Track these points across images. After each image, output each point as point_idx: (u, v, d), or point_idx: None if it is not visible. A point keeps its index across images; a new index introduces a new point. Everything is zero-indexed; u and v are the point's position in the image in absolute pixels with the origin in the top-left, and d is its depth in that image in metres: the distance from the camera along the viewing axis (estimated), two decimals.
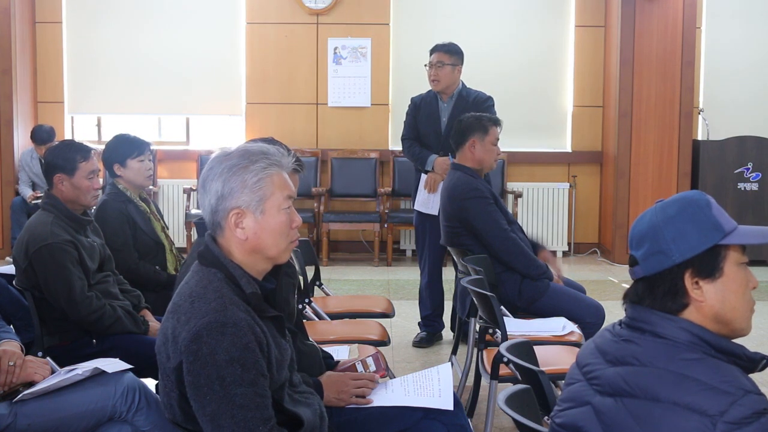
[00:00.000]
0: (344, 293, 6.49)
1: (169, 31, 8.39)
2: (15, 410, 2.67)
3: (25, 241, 3.40)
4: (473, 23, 8.33)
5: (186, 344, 1.89)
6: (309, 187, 8.02)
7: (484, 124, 4.37)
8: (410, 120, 5.34)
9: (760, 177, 8.00)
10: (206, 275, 2.01)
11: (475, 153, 4.34)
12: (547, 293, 4.09)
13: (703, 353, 1.68)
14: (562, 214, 8.47)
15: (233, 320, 1.90)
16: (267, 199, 2.02)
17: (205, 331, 1.88)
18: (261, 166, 2.02)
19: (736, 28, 8.44)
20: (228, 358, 1.87)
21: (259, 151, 2.06)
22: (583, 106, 8.50)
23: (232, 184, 2.01)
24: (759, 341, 5.16)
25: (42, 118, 8.35)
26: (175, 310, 1.98)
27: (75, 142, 3.68)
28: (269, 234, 2.03)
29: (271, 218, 2.02)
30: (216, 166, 2.03)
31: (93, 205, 3.67)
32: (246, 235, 2.01)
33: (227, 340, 1.88)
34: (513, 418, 1.98)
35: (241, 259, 2.03)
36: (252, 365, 1.89)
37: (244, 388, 1.87)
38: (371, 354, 2.79)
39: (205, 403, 1.88)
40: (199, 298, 1.95)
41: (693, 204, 1.75)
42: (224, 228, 2.03)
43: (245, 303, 1.97)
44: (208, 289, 1.97)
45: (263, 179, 2.02)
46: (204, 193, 2.04)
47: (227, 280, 2.00)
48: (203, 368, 1.87)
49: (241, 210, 2.01)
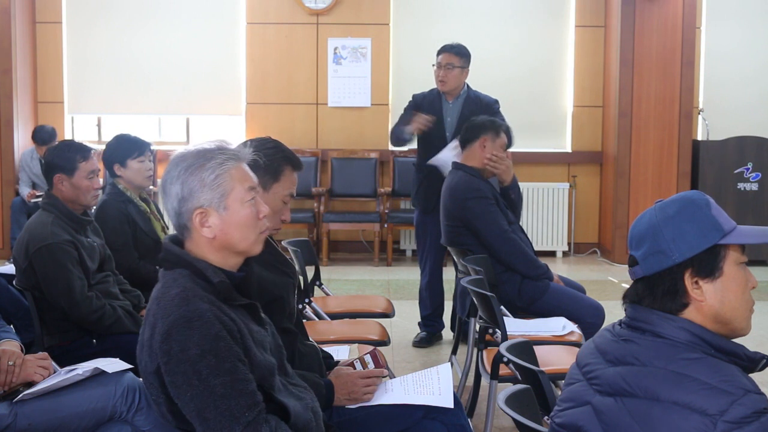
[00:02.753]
0: (344, 293, 6.49)
1: (170, 31, 8.39)
2: (15, 410, 2.67)
3: (25, 241, 3.40)
4: (473, 23, 8.33)
5: (158, 346, 1.90)
6: (309, 187, 8.02)
7: (498, 127, 4.40)
8: (406, 115, 5.31)
9: (759, 177, 8.00)
10: (171, 276, 2.01)
11: (483, 152, 4.34)
12: (547, 293, 4.10)
13: (703, 353, 1.68)
14: (562, 214, 8.47)
15: (198, 313, 1.90)
16: (228, 194, 2.01)
17: (173, 329, 1.89)
18: (217, 162, 2.01)
19: (736, 28, 8.44)
20: (200, 351, 1.87)
21: (215, 148, 2.05)
22: (583, 106, 8.50)
23: (191, 184, 1.99)
24: (759, 341, 5.16)
25: (42, 118, 8.35)
26: (147, 316, 2.00)
27: (75, 142, 3.68)
28: (236, 229, 2.02)
29: (235, 213, 2.01)
30: (173, 169, 2.02)
31: (93, 205, 3.67)
32: (213, 233, 2.01)
33: (196, 334, 1.88)
34: (513, 418, 1.98)
35: (211, 257, 2.03)
36: (226, 354, 1.89)
37: (222, 377, 1.88)
38: (368, 351, 2.78)
39: (188, 400, 1.88)
40: (163, 298, 1.96)
41: (692, 204, 1.76)
42: (191, 229, 2.02)
43: (214, 294, 1.97)
44: (172, 288, 1.97)
45: (221, 175, 2.01)
46: (165, 197, 2.03)
47: (192, 275, 1.99)
48: (178, 366, 1.88)
49: (204, 209, 2.00)
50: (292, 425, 2.04)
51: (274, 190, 2.59)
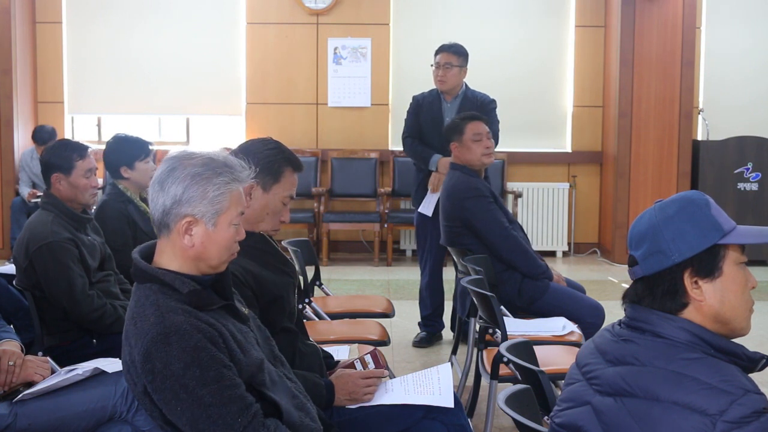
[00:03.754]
0: (344, 293, 6.48)
1: (170, 32, 8.39)
2: (15, 410, 2.67)
3: (26, 241, 3.40)
4: (473, 23, 8.33)
5: (141, 366, 1.91)
6: (309, 187, 8.02)
7: (458, 124, 4.43)
8: (412, 118, 5.34)
9: (759, 177, 8.00)
10: (143, 292, 2.01)
11: (460, 156, 4.39)
12: (547, 293, 4.10)
13: (702, 353, 1.68)
14: (562, 214, 8.47)
15: (174, 327, 1.90)
16: (222, 213, 2.01)
17: (153, 348, 1.89)
18: (224, 180, 2.02)
19: (736, 28, 8.44)
20: (182, 365, 1.87)
21: (223, 164, 2.04)
22: (583, 106, 8.50)
23: (193, 192, 1.99)
24: (759, 341, 5.16)
25: (42, 118, 8.35)
26: (126, 336, 1.99)
27: (71, 141, 3.68)
28: (215, 247, 2.02)
29: (221, 232, 2.02)
30: (179, 169, 2.01)
31: (92, 204, 3.66)
32: (192, 243, 2.00)
33: (175, 348, 1.88)
34: (513, 418, 1.98)
35: (181, 264, 2.02)
36: (209, 363, 1.89)
37: (209, 386, 1.88)
38: (368, 352, 2.79)
39: (180, 414, 1.89)
40: (139, 318, 1.96)
41: (692, 204, 1.76)
42: (171, 230, 2.02)
43: (187, 303, 1.96)
44: (145, 306, 1.97)
45: (224, 194, 2.01)
46: (160, 191, 2.02)
47: (162, 289, 1.99)
48: (164, 383, 1.88)
49: (194, 218, 2.00)
50: (285, 422, 2.04)
51: (274, 191, 2.59)
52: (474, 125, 4.39)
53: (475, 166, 4.39)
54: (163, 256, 2.04)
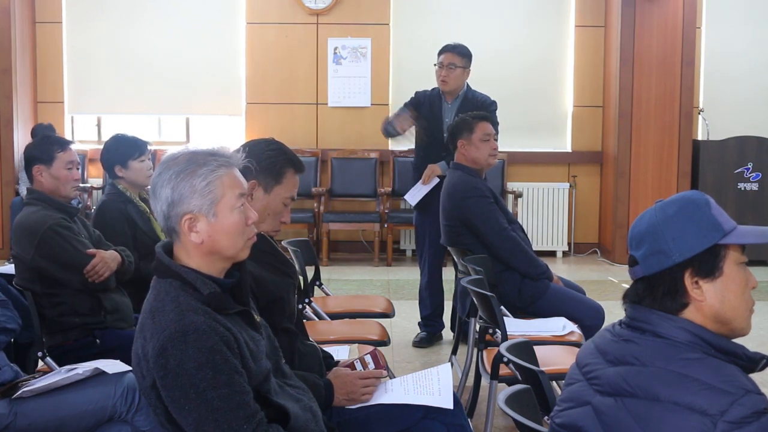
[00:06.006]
0: (344, 293, 6.49)
1: (169, 31, 8.38)
2: (15, 409, 2.67)
3: (24, 234, 3.39)
4: (473, 23, 8.33)
5: (154, 360, 1.90)
6: (309, 187, 8.01)
7: (469, 122, 4.39)
8: (401, 111, 5.33)
9: (760, 177, 8.00)
10: (163, 287, 2.00)
11: (466, 154, 4.36)
12: (547, 294, 4.09)
13: (703, 353, 1.68)
14: (562, 214, 8.47)
15: (193, 326, 1.89)
16: (218, 201, 2.00)
17: (169, 344, 1.88)
18: (209, 168, 2.00)
19: (736, 28, 8.44)
20: (196, 365, 1.87)
21: (207, 153, 2.03)
22: (583, 106, 8.50)
23: (181, 189, 1.98)
24: (759, 341, 5.16)
25: (42, 118, 8.33)
26: (141, 329, 1.98)
27: (53, 136, 3.73)
28: (224, 236, 2.01)
29: (224, 220, 2.00)
30: (164, 172, 2.00)
31: (73, 197, 3.68)
32: (201, 239, 1.99)
33: (191, 348, 1.87)
34: (513, 418, 1.98)
35: (198, 261, 2.01)
36: (223, 366, 1.89)
37: (219, 390, 1.87)
38: (368, 352, 2.78)
39: (186, 414, 1.88)
40: (158, 312, 1.94)
41: (692, 204, 1.75)
42: (179, 233, 2.01)
43: (206, 305, 1.96)
44: (165, 301, 1.96)
45: (213, 182, 1.99)
46: (155, 198, 2.02)
47: (183, 286, 1.98)
48: (175, 380, 1.87)
49: (193, 215, 1.98)
50: (291, 427, 2.04)
51: (275, 192, 2.59)
52: (484, 125, 4.39)
53: (481, 165, 4.38)
54: (182, 256, 2.03)
